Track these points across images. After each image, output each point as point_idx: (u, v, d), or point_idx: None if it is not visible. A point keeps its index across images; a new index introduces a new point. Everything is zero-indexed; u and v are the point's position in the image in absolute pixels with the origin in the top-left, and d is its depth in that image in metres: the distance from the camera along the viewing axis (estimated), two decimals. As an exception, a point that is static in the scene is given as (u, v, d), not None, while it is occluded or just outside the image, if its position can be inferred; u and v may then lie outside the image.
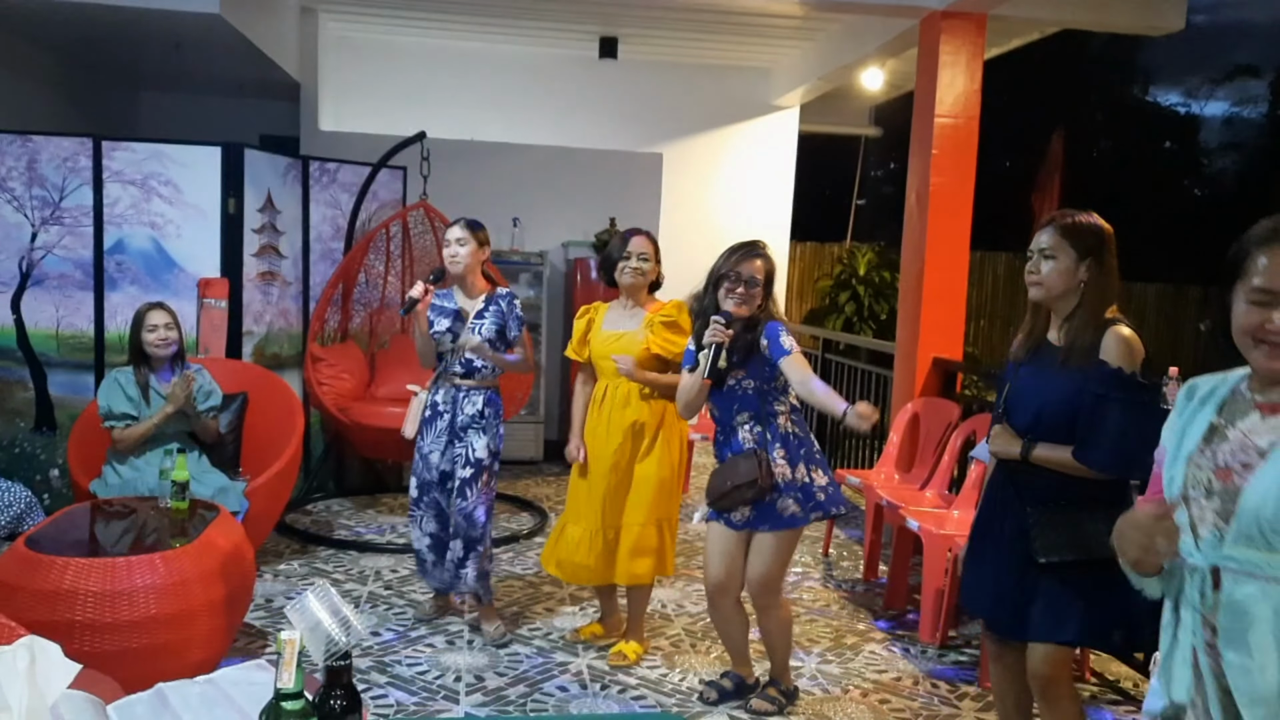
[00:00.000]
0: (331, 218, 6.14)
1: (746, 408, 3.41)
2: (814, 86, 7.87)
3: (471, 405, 4.06)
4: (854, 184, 10.70)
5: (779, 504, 3.35)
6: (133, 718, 1.56)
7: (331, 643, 1.42)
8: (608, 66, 7.85)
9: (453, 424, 4.07)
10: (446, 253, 4.11)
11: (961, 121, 5.43)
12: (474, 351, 4.02)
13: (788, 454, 3.38)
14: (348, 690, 1.39)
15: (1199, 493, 1.56)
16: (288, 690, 1.33)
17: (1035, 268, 2.66)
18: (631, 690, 3.71)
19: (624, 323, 3.95)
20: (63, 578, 3.13)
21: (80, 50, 6.66)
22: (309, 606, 1.46)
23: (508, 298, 4.13)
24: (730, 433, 3.45)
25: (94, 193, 5.28)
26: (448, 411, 4.09)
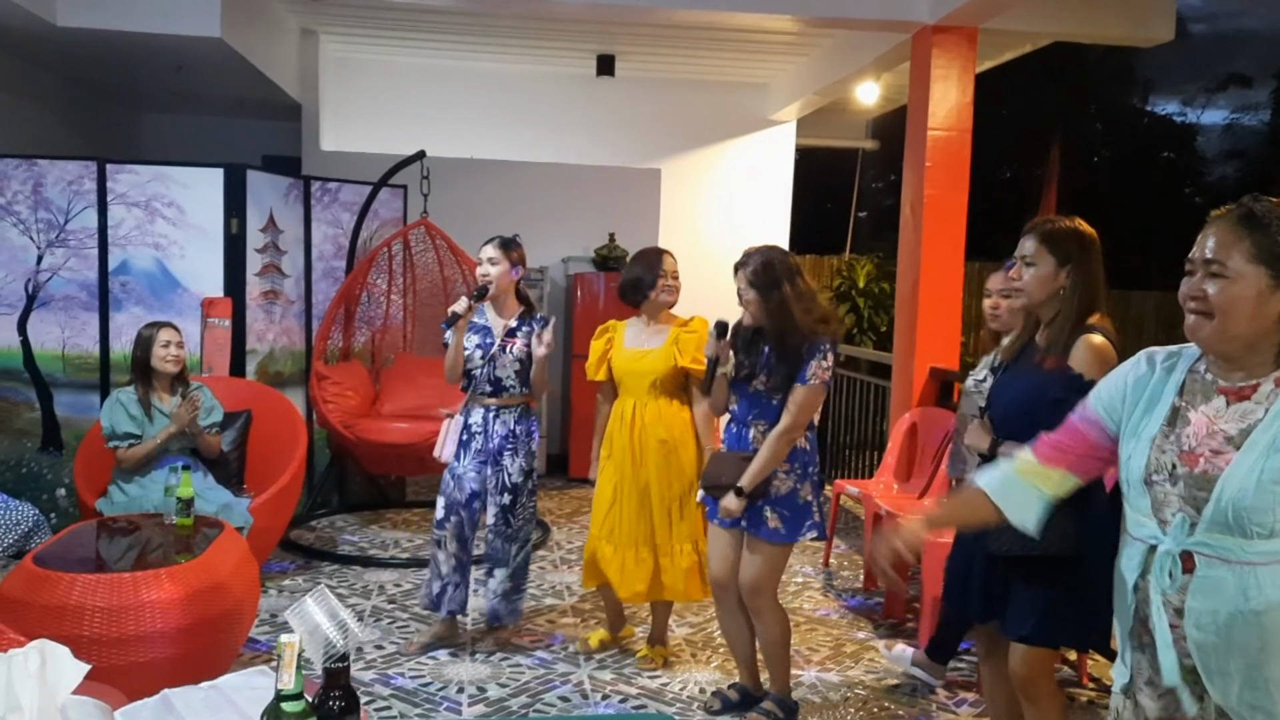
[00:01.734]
0: (333, 236, 6.20)
1: (765, 416, 3.41)
2: (810, 101, 7.94)
3: (503, 425, 4.05)
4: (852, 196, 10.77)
5: (765, 513, 3.38)
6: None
7: (330, 645, 1.47)
8: (605, 84, 7.93)
9: (486, 446, 4.06)
10: (479, 271, 4.10)
11: (955, 134, 5.49)
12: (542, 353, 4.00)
13: (792, 468, 3.40)
14: (346, 692, 1.44)
15: (1162, 477, 1.61)
16: (288, 691, 1.38)
17: (1017, 274, 2.71)
18: (633, 700, 3.75)
19: (648, 340, 3.97)
20: (70, 593, 3.17)
21: (83, 73, 6.75)
22: (308, 610, 1.50)
23: (542, 322, 4.09)
24: (743, 428, 3.46)
25: (98, 215, 5.35)
26: (481, 433, 4.06)
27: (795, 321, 3.33)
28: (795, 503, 3.39)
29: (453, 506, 4.09)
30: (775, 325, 3.36)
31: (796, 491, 3.40)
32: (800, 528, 3.40)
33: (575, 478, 7.23)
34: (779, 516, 3.37)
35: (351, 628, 1.50)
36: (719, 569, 3.54)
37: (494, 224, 7.40)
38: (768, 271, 3.36)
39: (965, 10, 5.19)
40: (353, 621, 1.52)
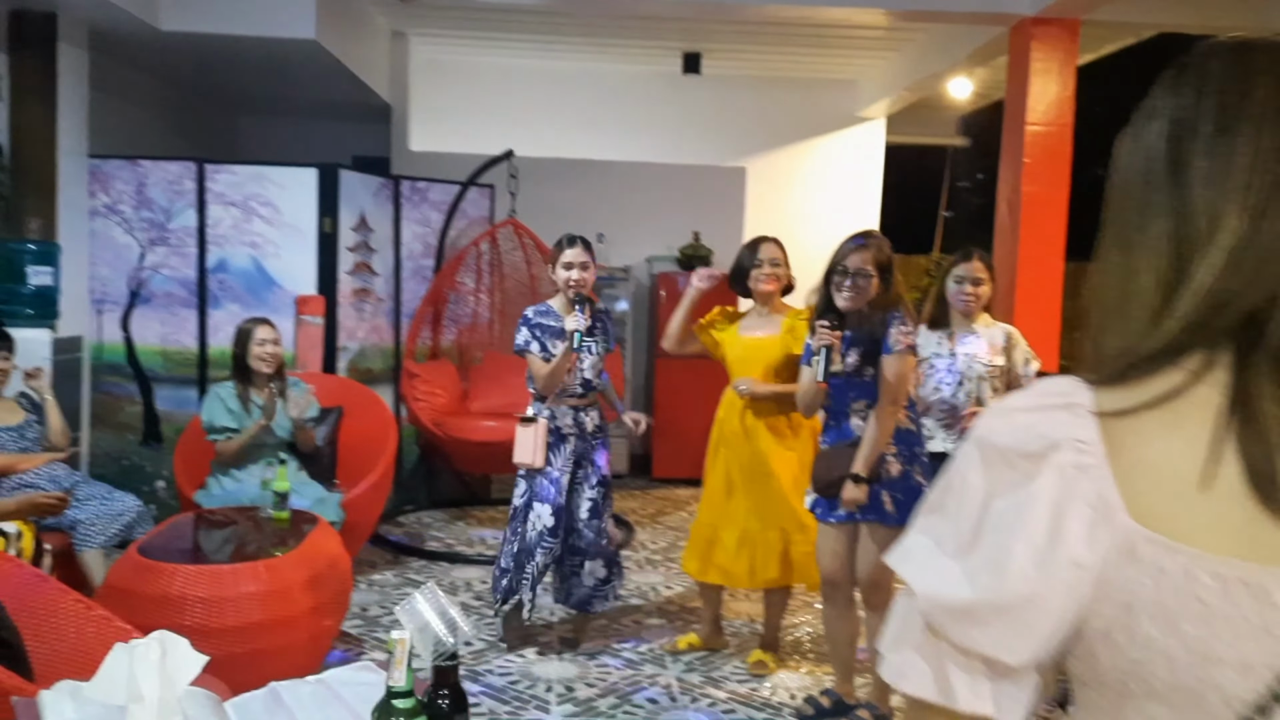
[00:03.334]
0: (422, 235, 6.27)
1: (863, 395, 3.34)
2: (900, 97, 7.79)
3: (591, 422, 4.08)
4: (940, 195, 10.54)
5: (883, 497, 3.30)
6: (249, 714, 1.61)
7: (439, 643, 1.45)
8: (691, 82, 7.89)
9: (579, 445, 4.04)
10: (568, 276, 3.90)
11: (1054, 129, 5.32)
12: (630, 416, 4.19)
13: (900, 451, 3.33)
14: (454, 690, 1.42)
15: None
16: (399, 689, 1.36)
17: None
18: (721, 704, 3.70)
19: (763, 328, 3.96)
20: (172, 583, 3.24)
21: (183, 77, 6.93)
22: (418, 608, 1.49)
23: (606, 313, 4.16)
24: (842, 418, 3.39)
25: (198, 214, 5.48)
26: (573, 434, 4.02)
27: (897, 307, 3.32)
28: (909, 485, 3.32)
29: (559, 512, 3.97)
30: (878, 308, 3.30)
31: (909, 474, 3.33)
32: (907, 509, 3.33)
33: (659, 478, 7.20)
34: (894, 500, 3.30)
35: (461, 625, 1.48)
36: (830, 566, 3.48)
37: (579, 223, 7.41)
38: (890, 254, 3.36)
39: (1069, 1, 5.03)
40: (462, 619, 1.50)
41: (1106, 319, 0.84)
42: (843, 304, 3.31)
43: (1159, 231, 0.80)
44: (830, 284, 3.36)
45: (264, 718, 1.59)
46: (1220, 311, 0.76)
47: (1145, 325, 0.80)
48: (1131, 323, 0.81)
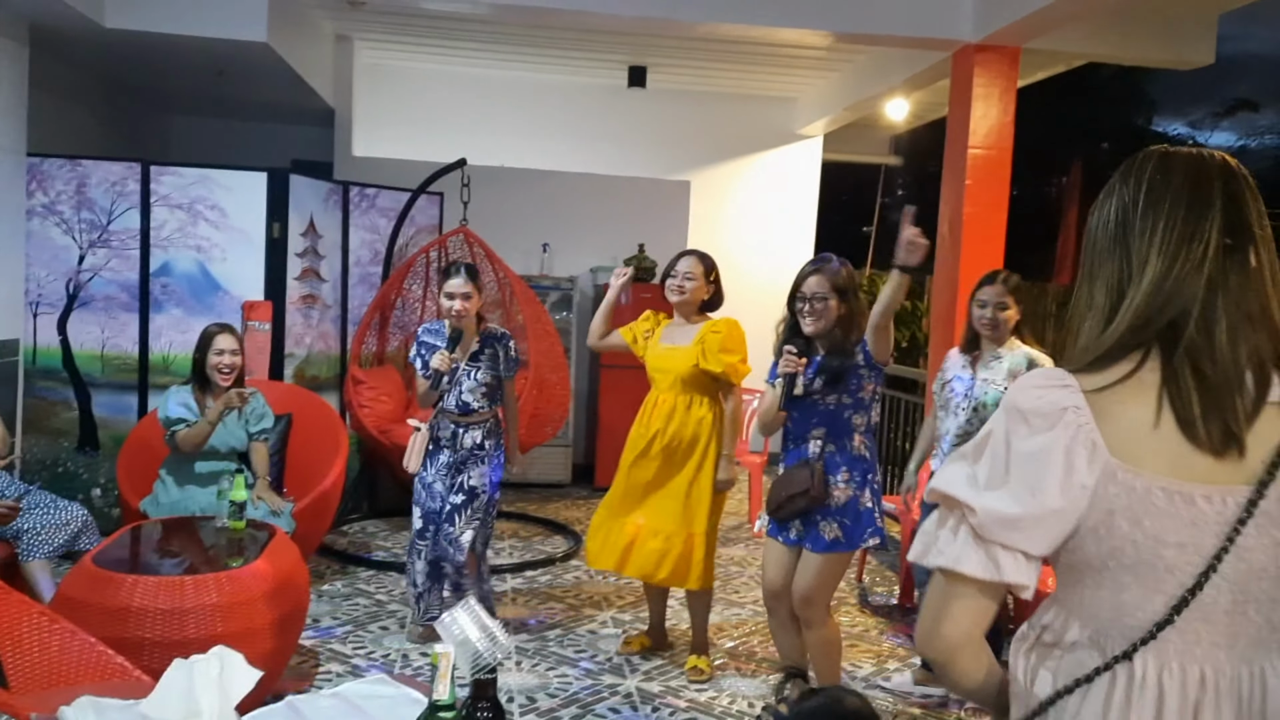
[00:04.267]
0: (370, 242, 6.22)
1: (823, 423, 3.41)
2: (839, 116, 7.97)
3: (470, 439, 4.15)
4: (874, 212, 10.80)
5: (822, 525, 3.39)
6: (269, 729, 1.61)
7: (478, 656, 1.47)
8: (636, 95, 7.96)
9: (454, 458, 4.15)
10: (450, 305, 4.01)
11: (994, 153, 5.51)
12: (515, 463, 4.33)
13: (852, 477, 3.42)
14: (493, 702, 1.45)
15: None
16: (443, 702, 1.38)
17: None
18: (682, 712, 3.75)
19: (678, 338, 4.05)
20: (131, 595, 3.18)
21: (123, 76, 6.77)
22: (459, 622, 1.51)
23: (503, 339, 4.18)
24: (800, 443, 3.46)
25: (141, 216, 5.36)
26: (449, 446, 4.15)
27: (861, 330, 3.39)
28: (856, 510, 3.41)
29: (430, 516, 4.16)
30: (844, 331, 3.38)
31: (856, 499, 3.42)
32: (861, 534, 3.42)
33: (601, 487, 7.22)
34: (840, 526, 3.39)
35: (500, 638, 1.51)
36: (774, 579, 3.56)
37: (523, 233, 7.47)
38: (850, 277, 3.43)
39: (1010, 30, 5.21)
40: (501, 632, 1.52)
41: (1079, 326, 1.28)
42: (807, 329, 3.41)
43: (1110, 270, 1.26)
44: (794, 310, 3.45)
45: (287, 731, 1.59)
46: (1149, 323, 1.20)
47: (1100, 332, 1.25)
48: (1093, 330, 1.26)
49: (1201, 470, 1.16)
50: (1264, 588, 1.18)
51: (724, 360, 3.91)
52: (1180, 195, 1.24)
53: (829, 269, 3.41)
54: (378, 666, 4.01)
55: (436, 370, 3.96)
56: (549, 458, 7.23)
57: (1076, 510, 1.17)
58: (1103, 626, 1.21)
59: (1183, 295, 1.20)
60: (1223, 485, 1.16)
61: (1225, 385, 1.17)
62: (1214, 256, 1.21)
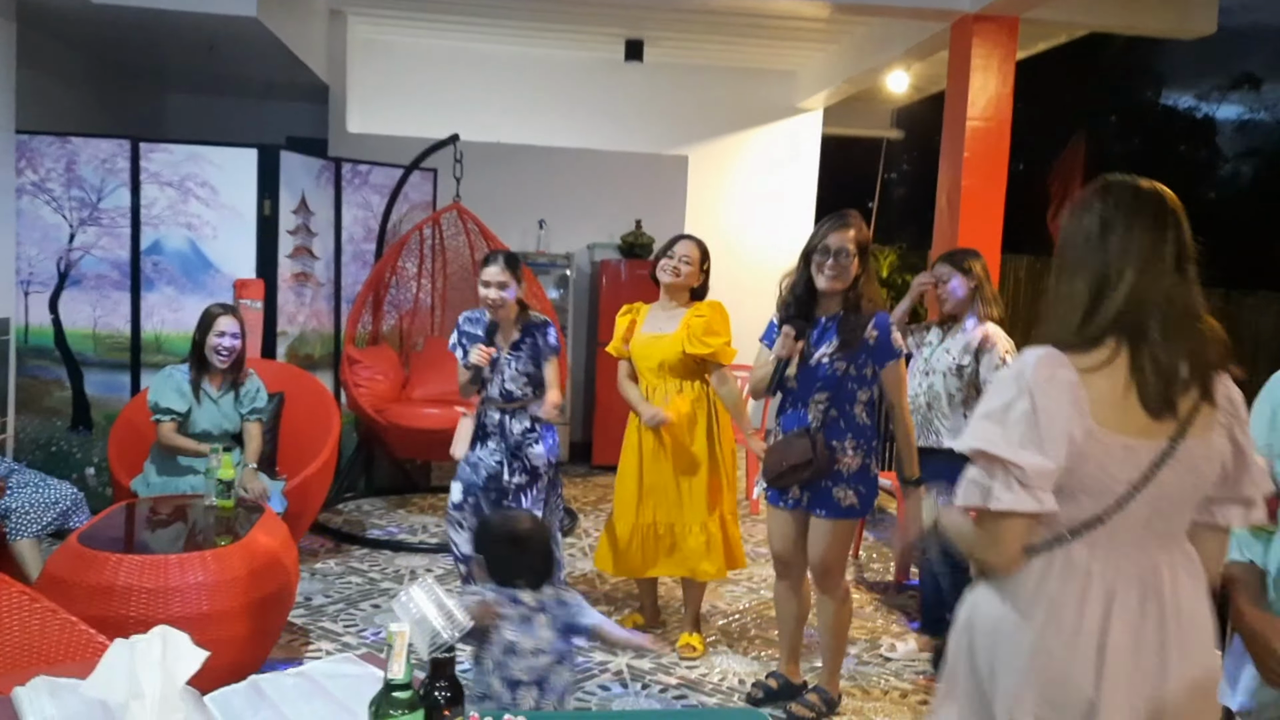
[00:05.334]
0: (363, 219, 6.18)
1: (828, 388, 3.33)
2: (839, 90, 7.88)
3: (519, 424, 3.95)
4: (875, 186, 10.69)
5: (836, 492, 3.34)
6: (230, 708, 1.59)
7: (436, 635, 1.45)
8: (634, 69, 7.87)
9: (504, 442, 3.97)
10: (486, 294, 3.84)
11: (993, 124, 5.44)
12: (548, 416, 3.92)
13: (859, 445, 3.37)
14: (451, 682, 1.42)
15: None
16: (398, 681, 1.36)
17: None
18: (673, 689, 3.73)
19: (663, 324, 3.99)
20: (116, 574, 3.16)
21: (113, 52, 6.71)
22: (415, 600, 1.48)
23: (543, 328, 3.94)
24: (802, 408, 3.38)
25: (131, 194, 5.32)
26: (496, 433, 3.97)
27: (872, 290, 3.34)
28: (867, 476, 3.39)
29: (470, 488, 3.96)
30: (858, 292, 3.31)
31: (867, 466, 3.39)
32: (872, 500, 3.44)
33: (599, 465, 7.21)
34: (855, 493, 3.36)
35: (458, 617, 1.48)
36: (781, 547, 3.54)
37: (520, 209, 7.42)
38: (869, 236, 3.37)
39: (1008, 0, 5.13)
40: (459, 611, 1.49)
41: (1053, 313, 1.68)
42: (824, 284, 3.29)
43: (1089, 271, 1.65)
44: (810, 264, 3.32)
45: (247, 712, 1.57)
46: (1124, 319, 1.61)
47: (1079, 322, 1.64)
48: (1067, 318, 1.65)
49: (1144, 428, 1.62)
50: (1170, 506, 1.66)
51: (711, 343, 3.86)
52: (1148, 220, 1.65)
53: (855, 223, 3.30)
54: (369, 645, 4.00)
55: (473, 365, 3.83)
56: (547, 435, 7.19)
57: (1066, 459, 1.61)
58: (1057, 525, 1.66)
59: (1150, 300, 1.62)
60: (1155, 439, 1.63)
61: (1171, 369, 1.62)
62: (1170, 271, 1.63)
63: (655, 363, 3.97)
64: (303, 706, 1.54)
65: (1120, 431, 1.62)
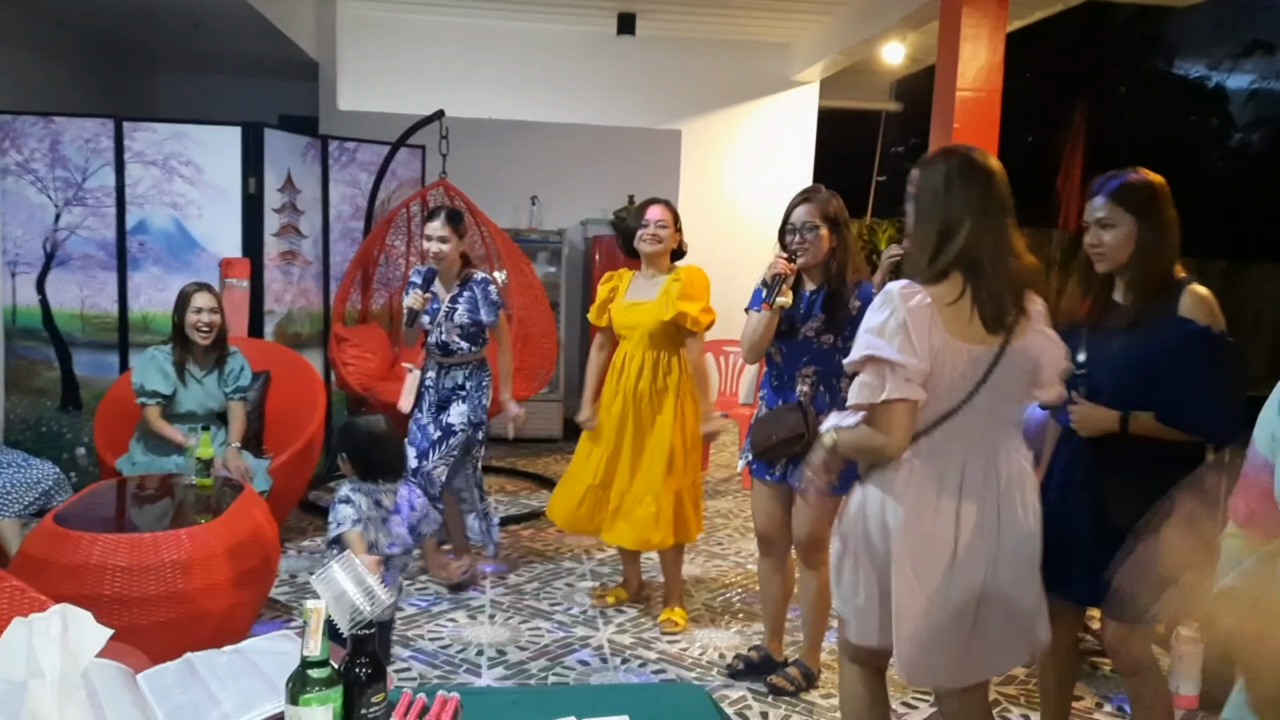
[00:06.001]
0: (351, 197, 6.15)
1: (815, 362, 3.32)
2: (834, 61, 7.81)
3: (452, 380, 4.32)
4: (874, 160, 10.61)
5: None
6: (161, 686, 1.59)
7: (356, 611, 1.44)
8: (626, 43, 7.81)
9: (436, 398, 4.31)
10: (428, 247, 4.21)
11: (984, 95, 5.37)
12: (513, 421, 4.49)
13: None
14: (372, 658, 1.41)
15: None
16: (314, 658, 1.35)
17: (1095, 239, 2.57)
18: (652, 664, 3.74)
19: (645, 291, 3.98)
20: (91, 553, 3.16)
21: (100, 31, 6.69)
22: (334, 576, 1.47)
23: (482, 284, 4.28)
24: (788, 383, 3.37)
25: (116, 173, 5.30)
26: (433, 386, 4.33)
27: (855, 262, 3.31)
28: None
29: (424, 454, 4.28)
30: (838, 264, 3.28)
31: None
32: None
33: (593, 441, 7.19)
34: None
35: (378, 593, 1.47)
36: (764, 524, 3.53)
37: (512, 185, 7.38)
38: (841, 209, 3.33)
39: (997, -33, 5.06)
40: (379, 586, 1.48)
41: (914, 255, 2.18)
42: (800, 260, 3.28)
43: (937, 219, 2.14)
44: (784, 245, 3.33)
45: (177, 689, 1.56)
46: (962, 258, 2.10)
47: (929, 260, 2.12)
48: (920, 258, 2.15)
49: (982, 338, 2.14)
50: (1003, 398, 2.19)
51: (681, 307, 3.84)
52: (980, 180, 2.14)
53: (818, 198, 3.31)
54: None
55: (410, 308, 4.15)
56: (540, 412, 7.19)
57: (931, 361, 2.10)
58: (924, 419, 2.15)
59: (984, 243, 2.13)
60: (991, 346, 2.15)
61: (1001, 296, 2.14)
62: (996, 220, 2.13)
63: (638, 331, 3.96)
64: (231, 684, 1.53)
65: (966, 341, 2.13)
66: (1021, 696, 3.57)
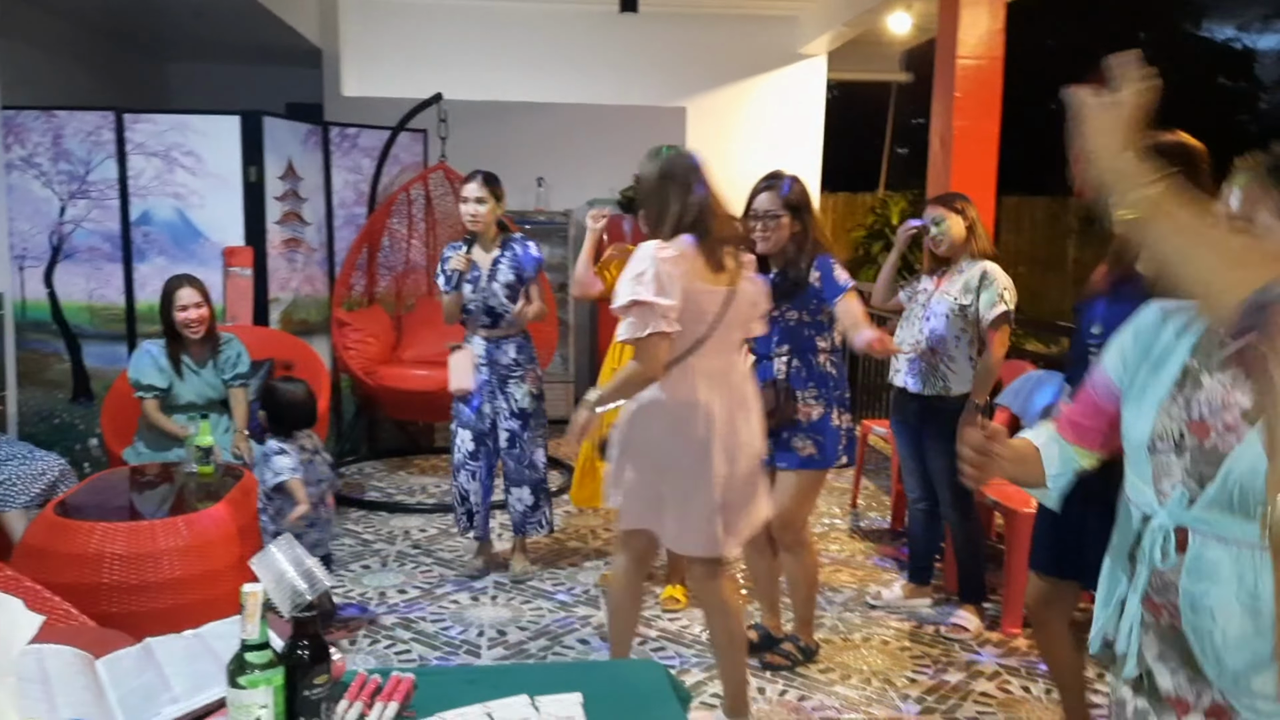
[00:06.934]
0: (354, 183, 6.16)
1: (786, 340, 3.34)
2: (840, 33, 7.71)
3: (505, 355, 4.23)
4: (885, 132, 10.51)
5: (795, 442, 3.33)
6: (119, 671, 1.60)
7: (296, 594, 1.44)
8: (629, 20, 7.72)
9: (492, 376, 4.22)
10: (465, 210, 4.18)
11: (985, 62, 5.30)
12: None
13: (820, 394, 3.35)
14: (314, 641, 1.42)
15: (1167, 445, 1.45)
16: (253, 641, 1.35)
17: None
18: (652, 642, 3.74)
19: None
20: (89, 541, 3.20)
21: (102, 22, 6.71)
22: (273, 559, 1.48)
23: (521, 241, 4.29)
24: (766, 362, 3.39)
25: (118, 165, 5.34)
26: (485, 364, 4.23)
27: (820, 246, 3.32)
28: (828, 426, 3.35)
29: (480, 437, 4.27)
30: (797, 248, 3.30)
31: (828, 417, 3.35)
32: (835, 452, 3.37)
33: (604, 422, 7.19)
34: (814, 443, 3.33)
35: (319, 575, 1.47)
36: None
37: (517, 167, 7.34)
38: (802, 193, 3.34)
39: (996, -69, 4.98)
40: (320, 569, 1.49)
41: (653, 223, 2.79)
42: (760, 248, 3.31)
43: (666, 194, 2.78)
44: (747, 231, 3.34)
45: (134, 674, 1.58)
46: (686, 220, 2.74)
47: (672, 225, 2.73)
48: (665, 222, 2.75)
49: (715, 280, 2.75)
50: (736, 326, 2.83)
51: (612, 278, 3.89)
52: (686, 166, 2.79)
53: (779, 185, 3.33)
54: (355, 607, 4.04)
55: (454, 270, 4.13)
56: (551, 393, 7.12)
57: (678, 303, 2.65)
58: (680, 347, 2.73)
59: (706, 210, 2.75)
60: (721, 286, 2.76)
61: (717, 249, 2.75)
62: (700, 196, 2.75)
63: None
64: (186, 668, 1.55)
65: (704, 282, 2.72)
66: (1022, 668, 3.55)
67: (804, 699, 3.33)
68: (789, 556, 3.49)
